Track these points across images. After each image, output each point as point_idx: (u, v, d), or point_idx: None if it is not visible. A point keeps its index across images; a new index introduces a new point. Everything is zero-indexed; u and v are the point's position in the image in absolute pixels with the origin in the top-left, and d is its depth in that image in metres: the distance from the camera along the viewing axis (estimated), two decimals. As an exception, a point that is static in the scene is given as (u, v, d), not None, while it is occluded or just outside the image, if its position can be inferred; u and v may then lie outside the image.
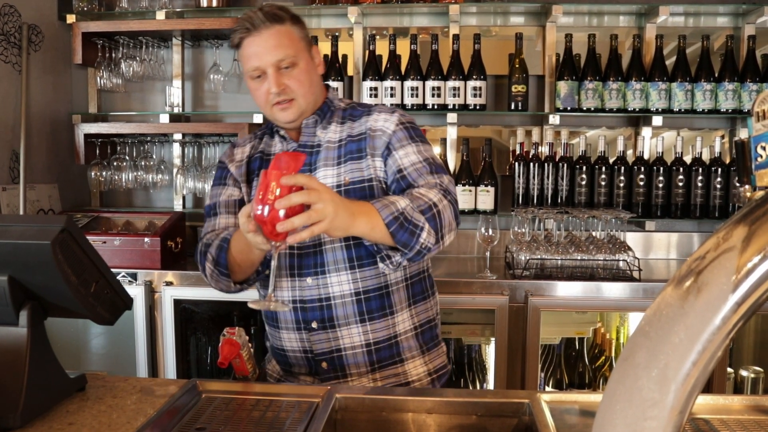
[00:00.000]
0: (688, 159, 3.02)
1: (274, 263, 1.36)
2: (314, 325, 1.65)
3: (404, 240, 1.46)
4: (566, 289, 2.64)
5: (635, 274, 2.68)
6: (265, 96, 1.60)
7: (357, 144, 1.66)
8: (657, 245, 3.20)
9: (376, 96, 3.04)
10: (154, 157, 3.33)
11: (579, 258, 2.73)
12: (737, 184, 2.94)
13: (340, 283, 1.63)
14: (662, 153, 3.03)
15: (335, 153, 1.67)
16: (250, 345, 1.50)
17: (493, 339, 2.70)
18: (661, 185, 2.99)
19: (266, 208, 1.26)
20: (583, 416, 1.34)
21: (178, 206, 3.35)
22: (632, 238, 3.10)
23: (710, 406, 1.36)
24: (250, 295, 1.84)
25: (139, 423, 1.28)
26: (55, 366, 1.37)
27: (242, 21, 1.59)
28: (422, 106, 3.03)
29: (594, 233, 2.83)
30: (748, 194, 1.12)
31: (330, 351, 1.65)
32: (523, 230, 2.83)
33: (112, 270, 1.41)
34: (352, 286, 1.63)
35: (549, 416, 1.28)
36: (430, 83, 3.02)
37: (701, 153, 3.00)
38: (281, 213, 1.26)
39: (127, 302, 1.44)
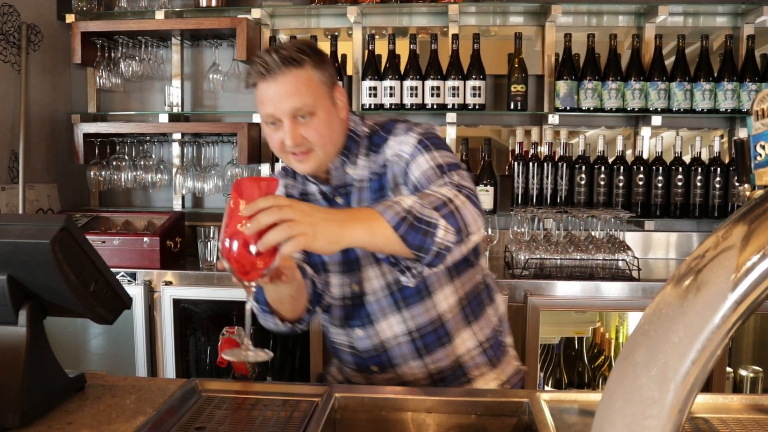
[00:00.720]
0: (687, 159, 3.02)
1: (248, 307, 1.23)
2: (373, 368, 1.62)
3: (417, 242, 1.27)
4: (565, 289, 2.64)
5: (634, 274, 2.68)
6: (279, 145, 1.46)
7: (379, 181, 1.54)
8: (656, 245, 3.20)
9: (375, 96, 3.04)
10: (154, 156, 3.33)
11: (578, 258, 2.73)
12: (736, 184, 2.95)
13: (390, 327, 1.57)
14: (661, 153, 3.03)
15: (366, 195, 1.55)
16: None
17: (492, 338, 2.69)
18: (660, 185, 2.99)
19: (234, 243, 1.10)
20: (582, 415, 1.35)
21: (177, 206, 3.34)
22: (631, 238, 3.10)
23: (710, 405, 1.36)
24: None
25: (138, 422, 1.28)
26: (54, 365, 1.37)
27: (257, 62, 1.43)
28: (421, 106, 3.03)
29: (593, 233, 2.83)
30: (748, 193, 1.12)
31: (394, 385, 1.61)
32: (523, 230, 2.83)
33: (112, 270, 1.40)
34: (403, 327, 1.56)
35: (548, 415, 1.28)
36: (430, 83, 3.02)
37: (700, 153, 3.00)
38: (251, 248, 1.10)
39: (127, 301, 1.44)
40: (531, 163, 3.02)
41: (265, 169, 3.26)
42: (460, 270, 1.59)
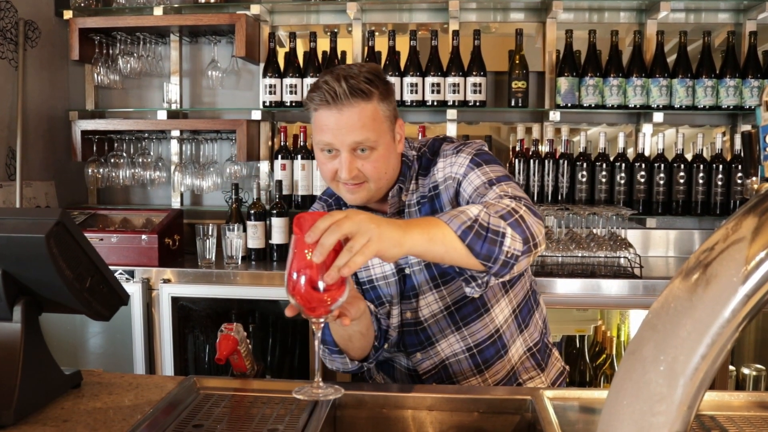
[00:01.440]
0: (689, 156, 3.00)
1: (317, 342, 1.16)
2: (432, 384, 1.59)
3: (485, 252, 1.21)
4: (567, 287, 2.62)
5: (636, 271, 2.66)
6: (331, 173, 1.42)
7: (431, 204, 1.50)
8: (657, 242, 3.18)
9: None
10: (152, 154, 3.30)
11: (580, 255, 2.72)
12: (743, 177, 2.93)
13: (450, 346, 1.54)
14: (663, 150, 3.01)
15: (418, 215, 1.51)
16: (248, 341, 1.48)
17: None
18: (662, 182, 2.97)
19: (300, 279, 1.06)
20: (587, 413, 1.33)
21: (176, 203, 3.32)
22: (633, 235, 3.08)
23: (716, 403, 1.34)
24: (257, 291, 1.79)
25: (135, 420, 1.26)
26: (50, 362, 1.34)
27: (322, 89, 1.36)
28: (421, 103, 3.01)
29: (594, 230, 2.81)
30: (755, 186, 1.10)
31: None
32: (524, 227, 2.80)
33: (110, 267, 1.38)
34: (462, 344, 1.54)
35: (552, 413, 1.26)
36: (430, 79, 2.99)
37: (702, 150, 2.98)
38: (319, 284, 1.06)
39: (124, 297, 1.42)
40: (532, 161, 3.00)
41: (264, 166, 3.24)
42: (513, 281, 1.58)
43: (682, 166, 2.96)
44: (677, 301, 0.70)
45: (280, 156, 3.11)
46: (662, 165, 2.97)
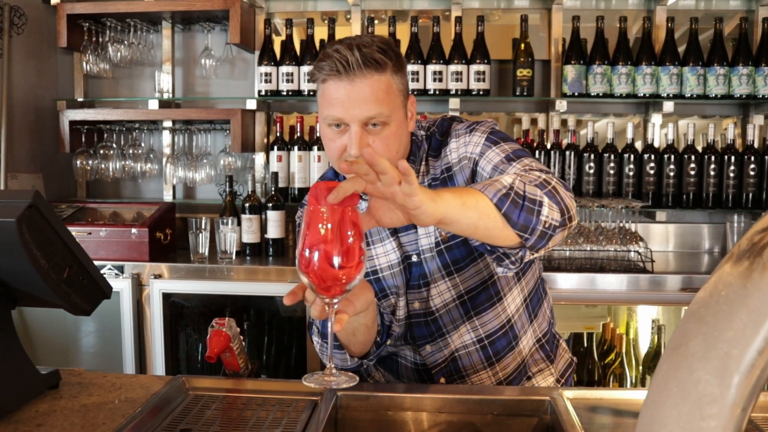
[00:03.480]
0: (699, 147, 2.89)
1: (330, 324, 1.05)
2: (442, 381, 1.49)
3: (522, 221, 1.12)
4: (575, 281, 2.52)
5: (647, 266, 2.55)
6: (339, 151, 1.31)
7: (443, 187, 1.39)
8: (667, 236, 3.08)
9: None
10: (143, 145, 3.18)
11: (588, 249, 2.61)
12: (751, 172, 2.83)
13: (460, 337, 1.45)
14: (673, 141, 2.90)
15: None
16: (241, 338, 1.37)
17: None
18: (672, 174, 2.87)
19: (314, 254, 0.96)
20: (612, 415, 1.22)
21: (167, 197, 3.20)
22: (641, 229, 2.97)
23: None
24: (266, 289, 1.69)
25: (117, 424, 1.14)
26: (24, 360, 1.23)
27: (333, 57, 1.26)
28: (423, 91, 2.90)
29: (603, 224, 2.71)
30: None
31: None
32: (530, 220, 2.70)
33: (97, 263, 1.27)
34: (473, 335, 1.45)
35: (574, 414, 1.15)
36: (431, 67, 2.88)
37: (713, 141, 2.87)
38: (334, 260, 0.96)
39: (106, 290, 1.31)
40: (537, 152, 2.88)
41: (259, 158, 3.12)
42: (526, 267, 1.49)
43: (693, 157, 2.86)
44: (729, 288, 0.61)
45: (275, 147, 2.99)
46: (672, 156, 2.86)
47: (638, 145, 3.00)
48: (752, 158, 2.84)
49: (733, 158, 2.84)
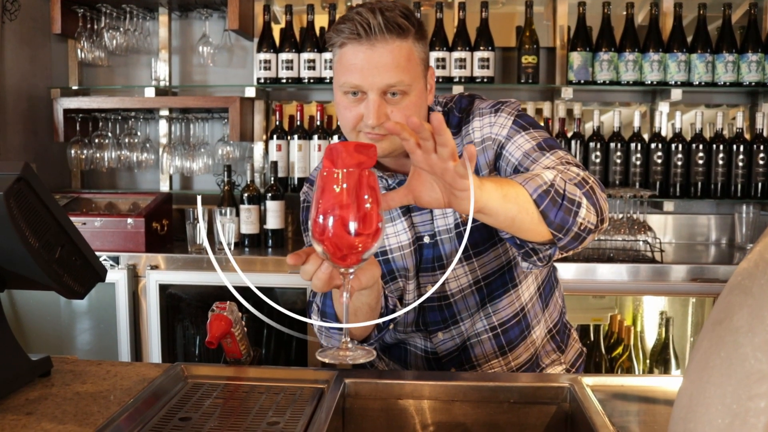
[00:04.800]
0: (707, 136, 2.84)
1: (345, 297, 0.98)
2: (452, 370, 1.43)
3: (558, 220, 1.08)
4: (583, 272, 2.46)
5: (657, 256, 2.49)
6: (354, 121, 1.24)
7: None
8: (675, 226, 3.02)
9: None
10: (139, 134, 3.11)
11: (596, 239, 2.55)
12: (761, 161, 2.77)
13: (473, 325, 1.40)
14: (680, 130, 2.85)
15: None
16: (243, 323, 1.30)
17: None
18: (679, 163, 2.81)
19: (329, 221, 0.89)
20: (636, 402, 1.15)
21: (164, 187, 3.13)
22: (648, 219, 2.91)
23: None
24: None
25: (111, 412, 1.08)
26: (13, 346, 1.16)
27: (354, 20, 1.19)
28: (426, 79, 2.83)
29: (610, 213, 2.64)
30: None
31: None
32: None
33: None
34: (486, 323, 1.39)
35: (596, 402, 1.09)
36: (434, 54, 2.82)
37: (722, 129, 2.81)
38: (351, 226, 0.89)
39: (101, 272, 1.24)
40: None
41: (258, 147, 3.05)
42: None
43: (701, 146, 2.80)
44: None
45: (275, 136, 2.92)
46: (680, 145, 2.81)
47: (645, 134, 2.94)
48: (761, 147, 2.78)
49: (741, 147, 2.78)
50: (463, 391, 1.19)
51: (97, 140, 3.03)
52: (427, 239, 1.36)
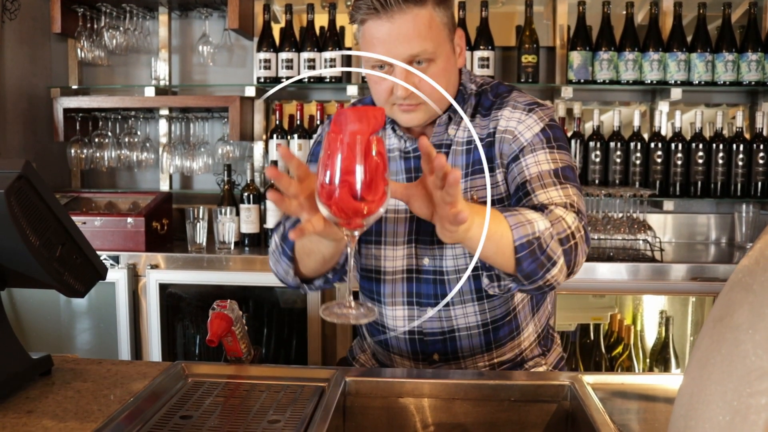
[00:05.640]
0: (707, 136, 2.84)
1: (350, 250, 0.99)
2: (435, 357, 1.42)
3: (529, 271, 1.12)
4: (582, 271, 2.44)
5: (656, 255, 2.50)
6: (385, 94, 1.26)
7: (486, 150, 1.33)
8: (674, 225, 3.02)
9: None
10: (139, 133, 3.11)
11: (596, 238, 2.55)
12: (760, 161, 2.77)
13: (465, 315, 1.39)
14: (680, 129, 2.85)
15: (462, 159, 1.35)
16: (243, 321, 1.30)
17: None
18: (679, 163, 2.81)
19: (335, 183, 0.89)
20: (637, 400, 1.15)
21: (164, 186, 3.13)
22: (648, 219, 2.91)
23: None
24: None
25: (112, 410, 1.08)
26: (14, 345, 1.16)
27: None
28: (426, 78, 2.83)
29: (610, 213, 2.65)
30: None
31: None
32: (535, 209, 2.64)
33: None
34: (479, 317, 1.39)
35: (597, 400, 1.09)
36: (435, 53, 2.81)
37: (722, 128, 2.82)
38: (358, 188, 0.89)
39: (101, 271, 1.24)
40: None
41: (258, 147, 3.05)
42: None
43: (701, 146, 2.80)
44: None
45: (275, 136, 2.92)
46: (680, 145, 2.81)
47: (645, 133, 2.94)
48: (761, 146, 2.78)
49: (741, 147, 2.79)
50: (463, 389, 1.19)
51: (97, 139, 3.03)
52: None
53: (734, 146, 2.79)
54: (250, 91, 2.92)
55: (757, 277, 0.63)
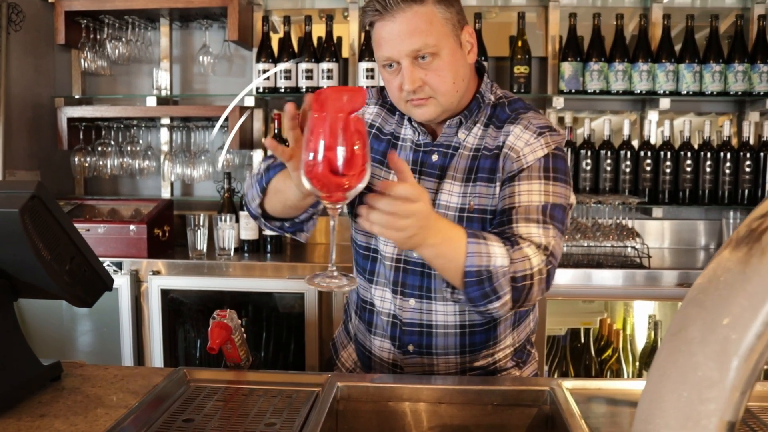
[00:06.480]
0: (695, 144, 2.91)
1: (333, 227, 1.07)
2: (410, 348, 1.47)
3: (473, 296, 1.22)
4: (572, 277, 2.53)
5: (644, 262, 2.57)
6: (397, 91, 1.33)
7: (491, 161, 1.38)
8: (662, 233, 3.09)
9: (372, 78, 2.91)
10: (141, 142, 3.19)
11: (585, 245, 2.62)
12: (747, 168, 2.84)
13: (445, 313, 1.44)
14: (669, 138, 2.92)
15: (467, 164, 1.41)
16: (242, 329, 1.38)
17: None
18: (668, 171, 2.88)
19: (317, 159, 0.97)
20: (611, 404, 1.23)
21: (165, 193, 3.21)
22: (638, 225, 2.98)
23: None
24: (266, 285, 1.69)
25: (119, 414, 1.15)
26: (27, 352, 1.23)
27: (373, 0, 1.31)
28: (421, 89, 2.90)
29: (599, 220, 2.72)
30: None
31: (422, 372, 1.48)
32: (527, 217, 2.71)
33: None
34: (458, 318, 1.44)
35: (574, 404, 1.16)
36: (429, 64, 2.89)
37: (709, 137, 2.89)
38: (338, 165, 0.97)
39: (108, 282, 1.31)
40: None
41: (257, 155, 3.13)
42: None
43: (689, 154, 2.88)
44: (728, 273, 0.61)
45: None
46: (668, 153, 2.88)
47: (635, 142, 3.01)
48: (748, 155, 2.85)
49: (729, 155, 2.86)
50: (449, 394, 1.26)
51: (100, 148, 3.11)
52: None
53: (722, 154, 2.87)
54: (249, 101, 3.00)
55: (709, 294, 0.70)
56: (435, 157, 1.43)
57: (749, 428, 1.13)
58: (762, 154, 2.86)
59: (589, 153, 2.89)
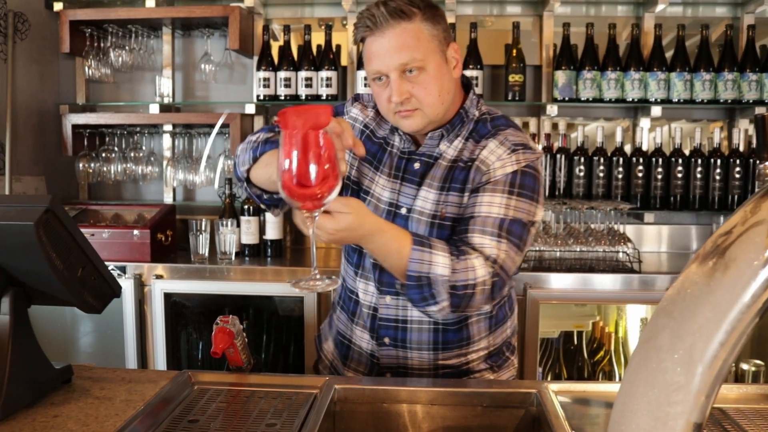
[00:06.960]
0: (686, 151, 2.98)
1: (310, 232, 1.15)
2: (386, 340, 1.55)
3: (412, 298, 1.33)
4: (565, 282, 2.59)
5: (635, 266, 2.63)
6: (386, 103, 1.41)
7: (465, 173, 1.45)
8: (655, 237, 3.16)
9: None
10: (144, 148, 3.25)
11: (578, 250, 2.69)
12: (760, 161, 2.90)
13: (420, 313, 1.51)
14: (661, 144, 2.98)
15: (443, 173, 1.47)
16: (244, 334, 1.44)
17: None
18: (659, 177, 2.95)
19: (288, 174, 1.04)
20: (594, 406, 1.29)
21: (168, 199, 3.27)
22: (630, 230, 3.05)
23: (723, 396, 1.31)
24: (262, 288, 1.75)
25: (128, 415, 1.21)
26: (39, 356, 1.30)
27: (364, 16, 1.39)
28: (418, 96, 2.97)
29: (592, 225, 2.78)
30: (769, 171, 1.07)
31: (396, 366, 1.55)
32: (521, 222, 2.77)
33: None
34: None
35: (558, 406, 1.23)
36: (426, 73, 2.95)
37: (700, 144, 2.96)
38: (303, 178, 1.03)
39: (116, 289, 1.38)
40: (529, 155, 2.95)
41: (258, 161, 3.19)
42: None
43: (680, 160, 2.94)
44: (694, 286, 0.67)
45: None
46: (660, 159, 2.95)
47: (627, 148, 3.08)
48: (737, 161, 2.92)
49: (719, 161, 2.92)
50: (441, 396, 1.33)
51: (103, 154, 3.17)
52: (404, 210, 1.50)
53: (712, 161, 2.93)
54: (250, 109, 3.06)
55: (677, 305, 0.77)
56: (417, 165, 1.50)
57: (723, 430, 1.19)
58: (751, 160, 2.93)
59: (582, 159, 2.95)
